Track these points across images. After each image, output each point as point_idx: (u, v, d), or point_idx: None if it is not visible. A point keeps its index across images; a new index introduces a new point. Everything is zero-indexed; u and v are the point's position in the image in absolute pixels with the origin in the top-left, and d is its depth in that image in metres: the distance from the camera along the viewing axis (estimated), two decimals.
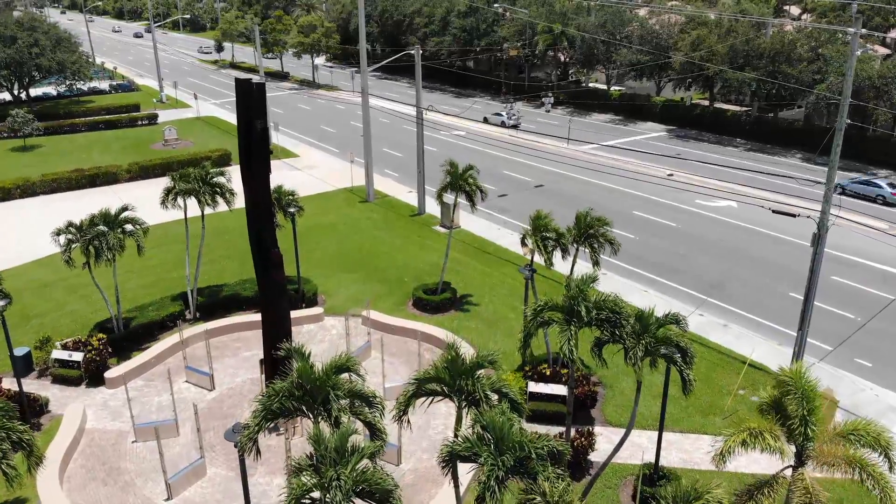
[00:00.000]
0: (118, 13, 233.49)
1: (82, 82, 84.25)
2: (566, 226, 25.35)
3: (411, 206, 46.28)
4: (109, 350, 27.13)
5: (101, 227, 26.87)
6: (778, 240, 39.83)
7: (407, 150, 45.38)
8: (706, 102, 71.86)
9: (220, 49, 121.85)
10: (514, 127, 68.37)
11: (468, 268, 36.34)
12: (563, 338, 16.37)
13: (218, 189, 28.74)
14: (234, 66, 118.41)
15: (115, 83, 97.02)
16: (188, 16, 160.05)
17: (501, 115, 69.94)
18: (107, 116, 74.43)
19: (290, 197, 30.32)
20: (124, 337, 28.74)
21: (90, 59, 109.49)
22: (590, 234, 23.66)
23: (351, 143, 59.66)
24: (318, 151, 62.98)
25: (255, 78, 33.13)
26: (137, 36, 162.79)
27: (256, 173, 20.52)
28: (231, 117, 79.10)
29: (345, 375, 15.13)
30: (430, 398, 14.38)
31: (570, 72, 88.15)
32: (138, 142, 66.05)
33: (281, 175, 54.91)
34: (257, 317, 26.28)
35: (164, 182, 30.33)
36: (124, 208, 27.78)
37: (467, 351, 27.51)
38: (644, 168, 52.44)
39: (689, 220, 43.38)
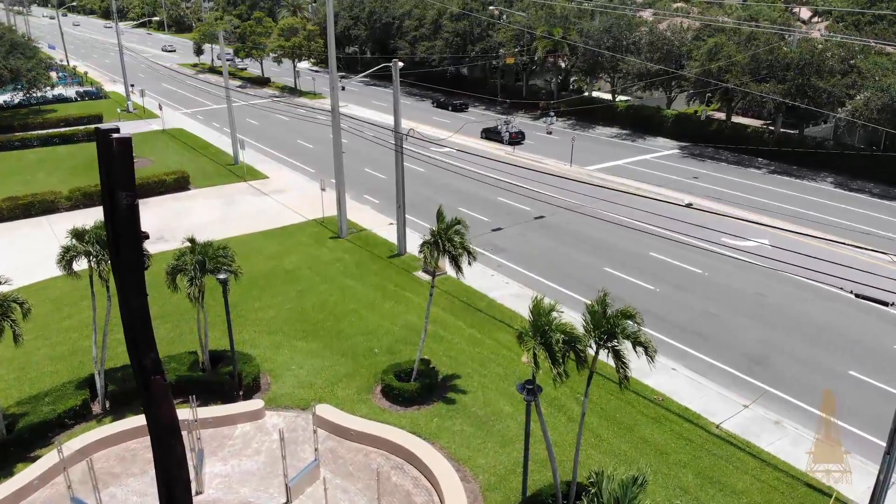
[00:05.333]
0: (105, 13, 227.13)
1: (43, 90, 77.42)
2: (580, 315, 18.73)
3: (390, 244, 39.62)
4: None
5: None
6: (829, 295, 33.03)
7: (392, 172, 38.77)
8: (722, 116, 65.18)
9: (199, 52, 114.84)
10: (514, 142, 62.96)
11: (454, 332, 29.69)
12: None
13: None
14: (213, 70, 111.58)
15: (82, 90, 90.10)
16: (158, 18, 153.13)
17: None
18: (62, 130, 67.46)
19: (223, 258, 23.58)
20: (9, 442, 22.17)
21: (62, 63, 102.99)
22: (613, 333, 17.02)
23: (329, 162, 52.88)
24: (291, 171, 56.29)
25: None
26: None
27: (125, 265, 13.88)
28: (201, 129, 72.35)
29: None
30: None
31: (572, 79, 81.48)
32: (92, 160, 58.50)
33: (244, 201, 48.27)
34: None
35: None
36: None
37: (446, 472, 21.05)
38: (657, 191, 45.84)
39: (717, 266, 36.74)
